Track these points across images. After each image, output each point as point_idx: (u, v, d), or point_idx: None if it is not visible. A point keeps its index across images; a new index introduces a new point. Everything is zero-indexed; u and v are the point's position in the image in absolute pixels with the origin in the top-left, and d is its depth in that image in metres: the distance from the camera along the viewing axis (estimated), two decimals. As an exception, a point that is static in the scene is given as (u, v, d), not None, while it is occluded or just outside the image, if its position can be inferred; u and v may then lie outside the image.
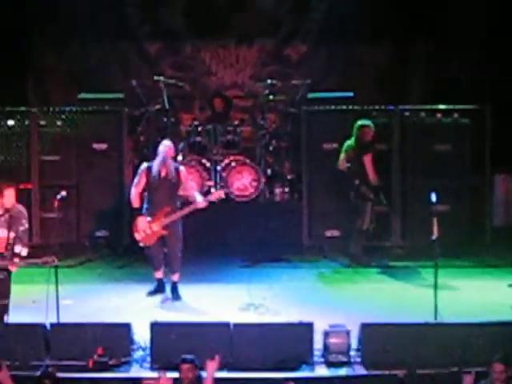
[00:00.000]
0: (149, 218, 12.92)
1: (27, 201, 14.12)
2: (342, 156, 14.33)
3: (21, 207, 11.75)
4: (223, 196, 13.38)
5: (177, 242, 12.97)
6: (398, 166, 15.31)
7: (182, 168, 13.19)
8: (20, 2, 16.23)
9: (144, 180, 13.01)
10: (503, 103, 15.14)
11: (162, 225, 12.88)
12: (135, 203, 13.12)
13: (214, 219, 14.23)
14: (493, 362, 9.81)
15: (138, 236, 13.03)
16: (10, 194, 11.51)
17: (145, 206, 13.05)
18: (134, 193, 13.11)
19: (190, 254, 13.37)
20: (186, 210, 12.96)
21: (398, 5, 16.22)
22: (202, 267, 13.97)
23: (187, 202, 13.20)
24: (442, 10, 16.00)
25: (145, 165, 13.16)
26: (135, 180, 13.19)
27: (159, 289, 13.20)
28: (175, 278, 13.05)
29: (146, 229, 12.93)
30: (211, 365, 9.53)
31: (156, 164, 12.89)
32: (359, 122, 14.36)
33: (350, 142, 14.35)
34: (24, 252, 11.53)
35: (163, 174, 12.88)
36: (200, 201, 12.92)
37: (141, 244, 13.13)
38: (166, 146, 12.97)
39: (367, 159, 14.18)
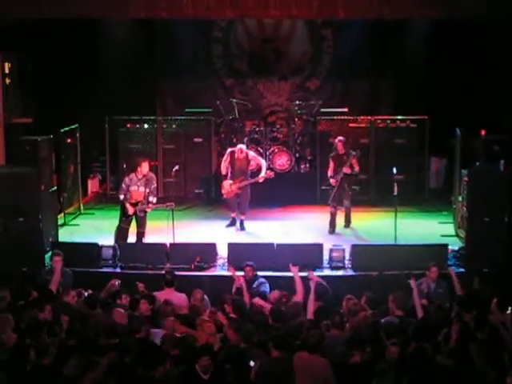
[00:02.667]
0: (230, 182, 12.89)
1: (156, 171, 14.08)
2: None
3: (152, 174, 11.87)
4: (273, 176, 13.11)
5: (246, 196, 12.93)
6: (373, 151, 15.08)
7: (250, 154, 13.20)
8: (153, 55, 16.16)
9: (229, 159, 12.99)
10: (436, 116, 14.85)
11: (238, 186, 12.84)
12: (223, 172, 13.12)
13: (266, 184, 14.08)
14: (430, 266, 9.76)
15: (223, 191, 13.03)
16: (145, 165, 11.60)
17: (228, 174, 12.99)
18: (223, 166, 13.11)
19: (253, 204, 13.22)
20: (252, 180, 12.95)
21: (373, 57, 15.93)
22: (258, 211, 13.78)
23: (253, 174, 13.21)
24: (399, 62, 15.72)
25: (229, 150, 13.22)
26: (224, 158, 13.21)
27: (233, 223, 13.13)
28: (243, 217, 12.99)
29: (228, 188, 12.90)
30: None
31: (235, 151, 12.92)
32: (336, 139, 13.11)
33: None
34: (154, 200, 11.62)
35: (238, 156, 12.88)
36: (260, 177, 12.91)
37: (224, 197, 13.12)
38: (240, 146, 13.09)
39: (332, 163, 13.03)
